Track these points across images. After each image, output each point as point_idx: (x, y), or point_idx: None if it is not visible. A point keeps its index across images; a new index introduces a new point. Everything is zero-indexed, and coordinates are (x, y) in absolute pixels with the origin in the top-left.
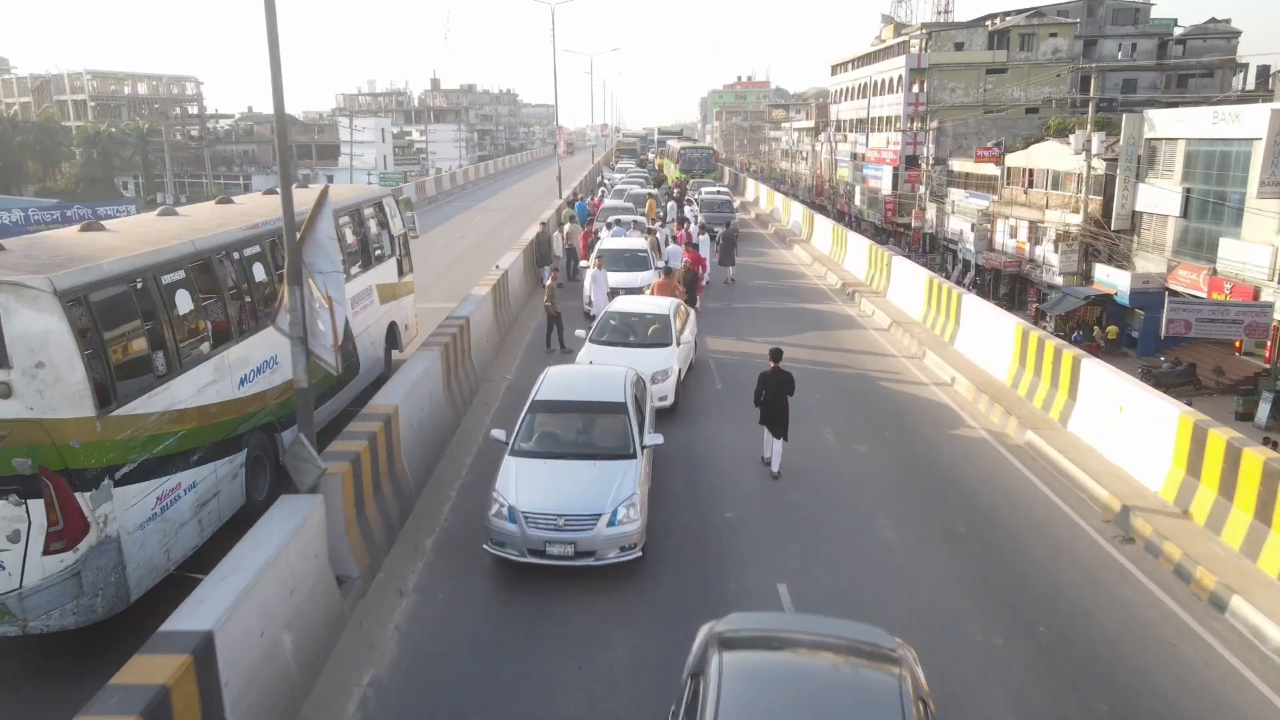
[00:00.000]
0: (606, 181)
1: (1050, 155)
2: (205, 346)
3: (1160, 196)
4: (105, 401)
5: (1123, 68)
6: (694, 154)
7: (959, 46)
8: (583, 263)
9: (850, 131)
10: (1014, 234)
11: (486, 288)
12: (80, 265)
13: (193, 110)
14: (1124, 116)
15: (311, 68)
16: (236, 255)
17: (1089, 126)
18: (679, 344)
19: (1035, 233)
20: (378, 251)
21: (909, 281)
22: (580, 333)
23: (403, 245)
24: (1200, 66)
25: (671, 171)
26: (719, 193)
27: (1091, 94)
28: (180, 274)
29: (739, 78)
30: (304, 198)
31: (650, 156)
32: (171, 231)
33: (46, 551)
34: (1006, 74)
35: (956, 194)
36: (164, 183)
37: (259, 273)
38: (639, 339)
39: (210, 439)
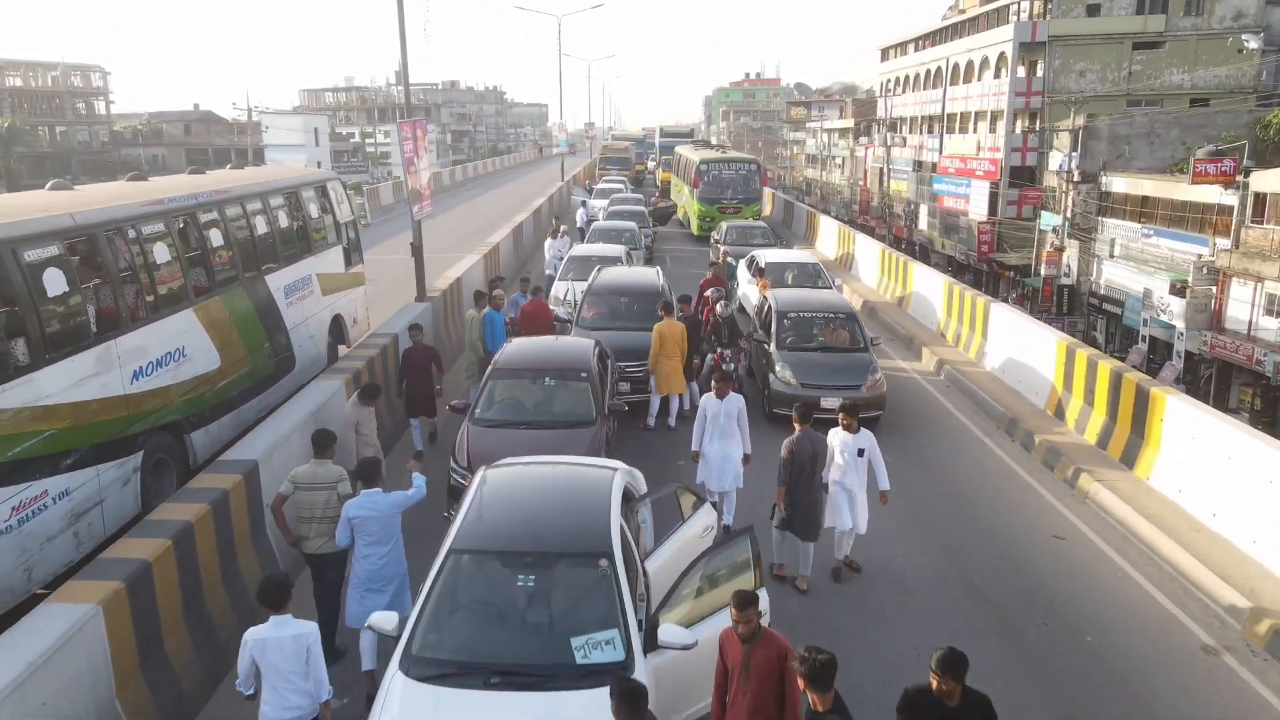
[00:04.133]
0: (576, 211)
1: None
2: (84, 335)
3: None
4: None
5: None
6: (725, 172)
7: (1092, 11)
8: None
9: (911, 132)
10: (1277, 310)
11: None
12: None
13: (100, 107)
14: None
15: (282, 62)
16: (132, 233)
17: None
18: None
19: None
20: (319, 237)
21: None
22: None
23: (350, 233)
24: None
25: (685, 199)
26: (813, 280)
27: None
28: (51, 249)
29: (747, 74)
30: (238, 178)
31: (650, 166)
32: (50, 204)
33: None
34: (1163, 49)
35: (1122, 228)
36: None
37: (161, 254)
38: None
39: (89, 440)
